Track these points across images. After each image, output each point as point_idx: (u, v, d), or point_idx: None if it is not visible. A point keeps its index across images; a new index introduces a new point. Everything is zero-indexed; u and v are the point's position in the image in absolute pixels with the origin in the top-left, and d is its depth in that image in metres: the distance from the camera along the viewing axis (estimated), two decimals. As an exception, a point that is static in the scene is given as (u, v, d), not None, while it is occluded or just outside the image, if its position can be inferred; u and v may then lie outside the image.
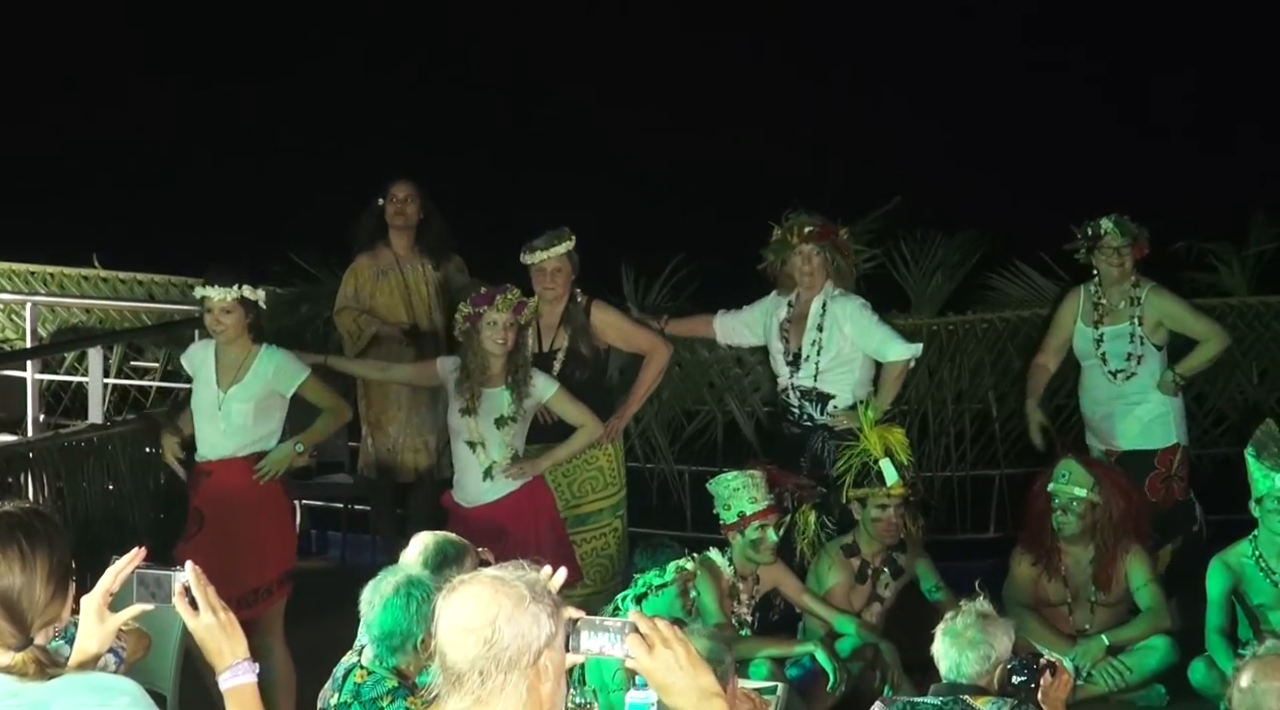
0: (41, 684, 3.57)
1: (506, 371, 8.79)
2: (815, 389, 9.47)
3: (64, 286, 13.05)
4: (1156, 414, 9.72)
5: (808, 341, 9.46)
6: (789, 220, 9.49)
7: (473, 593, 3.61)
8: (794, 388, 9.50)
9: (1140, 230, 9.72)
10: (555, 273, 9.29)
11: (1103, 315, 9.76)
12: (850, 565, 9.11)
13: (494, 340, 8.76)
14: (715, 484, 8.89)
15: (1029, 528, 9.35)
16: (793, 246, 9.45)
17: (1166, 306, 9.71)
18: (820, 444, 9.50)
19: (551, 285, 9.30)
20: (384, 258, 10.21)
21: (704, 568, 8.46)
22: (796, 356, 9.47)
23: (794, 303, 9.55)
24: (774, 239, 9.54)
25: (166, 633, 7.03)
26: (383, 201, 10.20)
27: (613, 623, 3.69)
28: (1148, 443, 9.75)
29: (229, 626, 3.94)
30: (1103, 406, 9.80)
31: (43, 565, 3.76)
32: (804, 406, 9.50)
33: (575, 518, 9.36)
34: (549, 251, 9.27)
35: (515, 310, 8.82)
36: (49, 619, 3.77)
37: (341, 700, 5.95)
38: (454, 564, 6.35)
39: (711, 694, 3.69)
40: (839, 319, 9.42)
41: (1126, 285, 9.74)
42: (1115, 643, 9.15)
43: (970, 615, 6.34)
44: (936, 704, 6.29)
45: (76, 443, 9.84)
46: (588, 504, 9.44)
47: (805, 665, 8.61)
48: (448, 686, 3.62)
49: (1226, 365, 10.82)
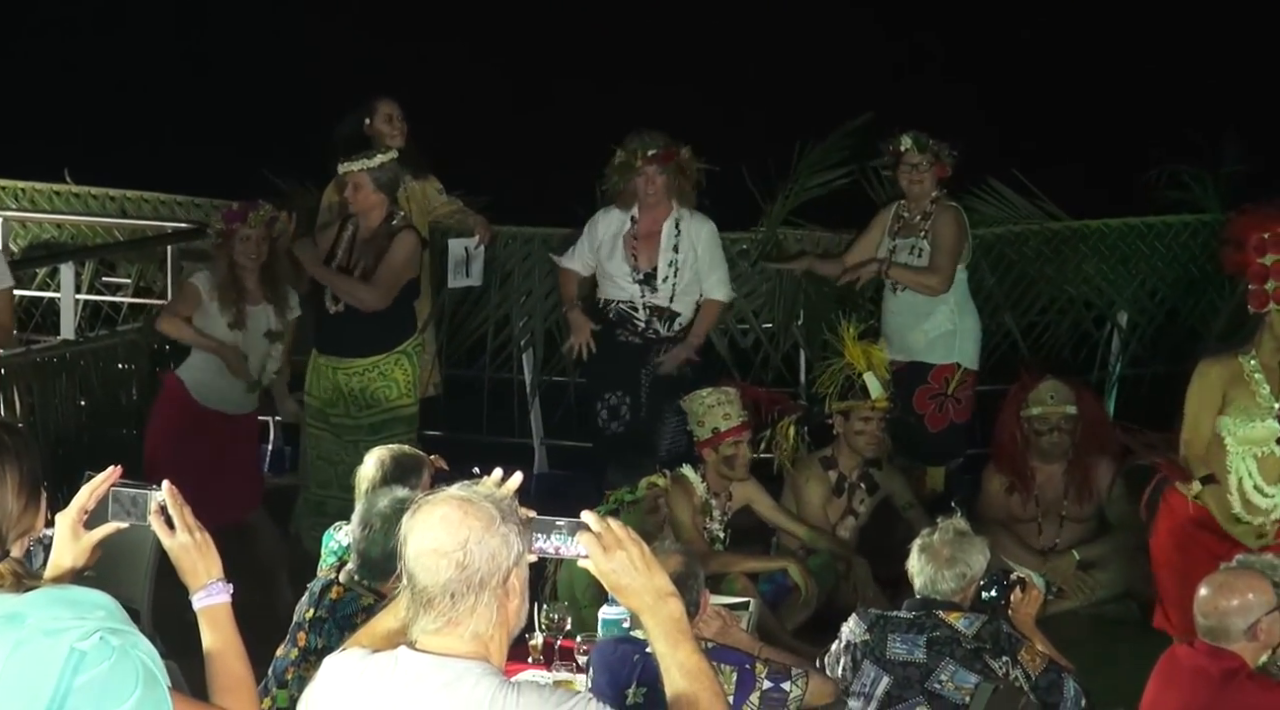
0: (17, 596, 3.57)
1: (260, 286, 9.00)
2: (668, 308, 9.52)
3: (35, 202, 12.98)
4: (941, 331, 9.67)
5: (664, 262, 9.48)
6: (631, 143, 9.49)
7: (441, 514, 3.61)
8: (645, 305, 9.52)
9: (942, 149, 9.67)
10: (355, 188, 9.24)
11: (899, 228, 9.75)
12: (828, 478, 9.16)
13: (246, 255, 8.94)
14: (689, 401, 8.90)
15: (1002, 450, 9.37)
16: (636, 168, 9.44)
17: (940, 228, 9.65)
18: (661, 355, 9.56)
19: (351, 197, 9.26)
20: None
21: (676, 484, 8.49)
22: (649, 276, 9.49)
23: (636, 219, 9.55)
24: (617, 161, 9.52)
25: (140, 548, 7.03)
26: (369, 120, 10.07)
27: (564, 522, 3.70)
28: (928, 356, 9.71)
29: (204, 546, 3.93)
30: (894, 316, 9.77)
31: (12, 477, 3.75)
32: (651, 321, 9.54)
33: (370, 427, 9.35)
34: (352, 165, 9.24)
35: (268, 225, 9.01)
36: (23, 529, 3.76)
37: (317, 615, 5.96)
38: (413, 474, 6.36)
39: (667, 594, 3.70)
40: (693, 240, 9.48)
41: (925, 202, 9.71)
42: (1085, 558, 9.20)
43: (947, 533, 6.37)
44: (909, 618, 6.32)
45: (48, 359, 9.82)
46: (381, 412, 9.41)
47: (778, 581, 8.65)
48: (417, 607, 3.62)
49: (1199, 282, 10.84)
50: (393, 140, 9.96)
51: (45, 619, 3.51)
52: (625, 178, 9.51)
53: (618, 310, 9.59)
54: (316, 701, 3.72)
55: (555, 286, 10.45)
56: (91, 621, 3.51)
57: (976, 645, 6.20)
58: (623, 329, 9.59)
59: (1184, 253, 10.87)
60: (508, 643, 3.68)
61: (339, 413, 9.35)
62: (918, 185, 9.66)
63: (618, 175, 9.56)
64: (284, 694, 5.82)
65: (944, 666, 6.21)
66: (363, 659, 3.69)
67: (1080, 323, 10.87)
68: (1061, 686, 6.21)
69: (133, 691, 3.49)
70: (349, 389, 9.33)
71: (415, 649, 3.63)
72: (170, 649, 5.41)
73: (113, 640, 3.50)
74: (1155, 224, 10.91)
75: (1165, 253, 10.88)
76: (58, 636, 3.49)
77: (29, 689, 3.47)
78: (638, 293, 9.53)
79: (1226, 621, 5.76)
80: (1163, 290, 10.87)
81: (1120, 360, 10.91)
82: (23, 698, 3.46)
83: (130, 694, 3.49)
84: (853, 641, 6.36)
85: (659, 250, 9.48)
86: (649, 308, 9.54)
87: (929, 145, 9.61)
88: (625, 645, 5.85)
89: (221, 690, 3.87)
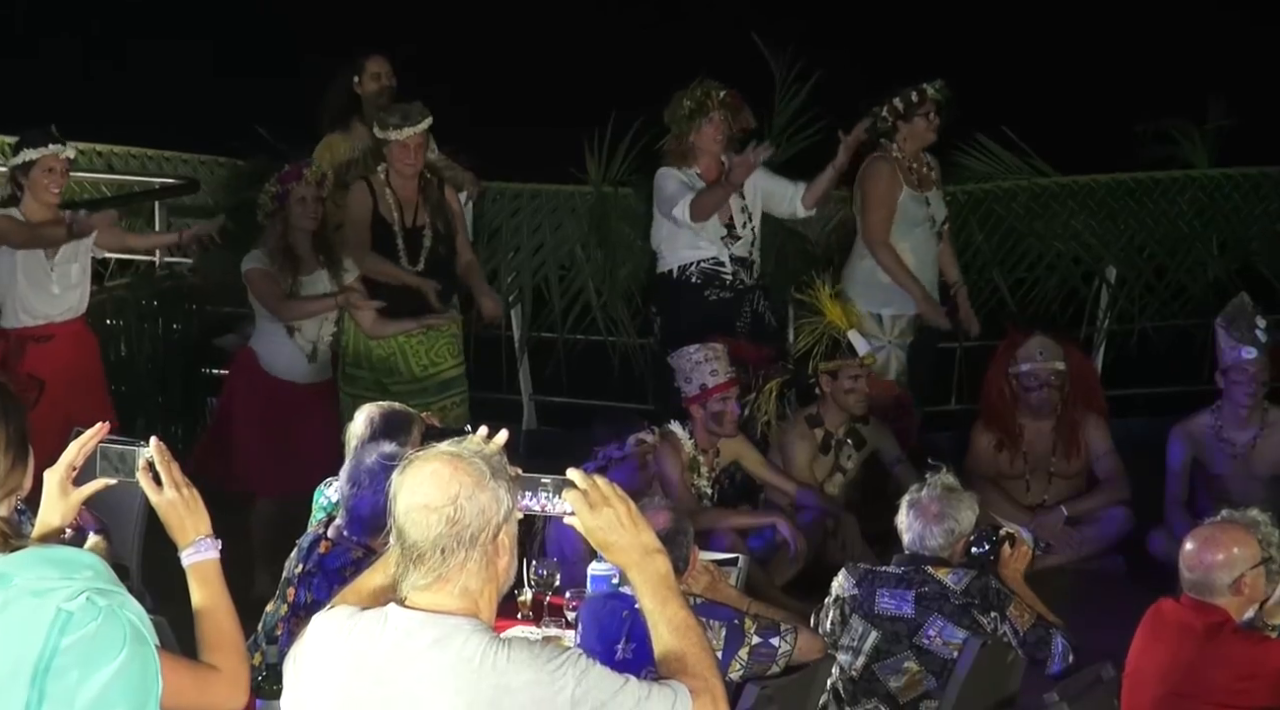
0: (4, 556, 3.57)
1: (317, 249, 8.81)
2: (748, 257, 9.50)
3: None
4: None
5: (736, 209, 9.46)
6: (699, 88, 9.43)
7: (431, 470, 3.61)
8: (732, 257, 9.50)
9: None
10: (419, 148, 9.18)
11: (920, 181, 9.71)
12: (814, 436, 9.16)
13: (304, 216, 8.78)
14: (677, 357, 8.90)
15: (991, 407, 9.37)
16: (707, 115, 9.39)
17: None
18: (757, 302, 9.58)
19: (414, 161, 9.18)
20: (359, 135, 10.05)
21: (664, 440, 8.49)
22: (730, 227, 9.46)
23: (701, 175, 9.51)
24: (687, 108, 9.44)
25: (129, 505, 7.04)
26: (357, 78, 10.03)
27: (550, 480, 3.70)
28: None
29: (192, 502, 3.93)
30: (933, 268, 9.76)
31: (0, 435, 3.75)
32: (738, 273, 9.52)
33: (438, 384, 9.31)
34: (416, 127, 9.17)
35: (319, 185, 8.85)
36: (10, 488, 3.75)
37: (306, 570, 5.96)
38: (403, 432, 6.35)
39: (653, 551, 3.70)
40: (753, 181, 9.46)
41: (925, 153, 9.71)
42: (1074, 513, 9.23)
43: (936, 488, 6.38)
44: (898, 573, 6.34)
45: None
46: (447, 370, 9.39)
47: (766, 537, 8.66)
48: (406, 563, 3.62)
49: (1187, 238, 10.85)
50: (380, 98, 9.93)
51: (32, 579, 3.51)
52: (693, 126, 9.44)
53: (700, 270, 9.53)
54: (305, 659, 3.72)
55: (543, 242, 10.46)
56: (78, 581, 3.50)
57: (965, 601, 6.22)
58: (710, 287, 9.52)
59: (1172, 208, 10.87)
60: (497, 599, 3.68)
61: (399, 380, 9.13)
62: (933, 134, 9.64)
63: (686, 124, 9.48)
64: (274, 649, 5.83)
65: (932, 622, 6.24)
66: (351, 616, 3.69)
67: (1068, 279, 10.88)
68: (1049, 642, 6.23)
69: (120, 651, 3.49)
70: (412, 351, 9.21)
71: (404, 606, 3.63)
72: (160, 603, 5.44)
73: (100, 600, 3.50)
74: (1144, 180, 10.92)
75: (1153, 209, 10.88)
76: (44, 597, 3.49)
77: (16, 649, 3.47)
78: (721, 247, 9.50)
79: (1211, 576, 5.78)
80: (1150, 246, 10.89)
81: (1108, 316, 10.92)
82: (10, 658, 3.46)
83: (118, 653, 3.49)
84: (841, 596, 6.38)
85: (730, 199, 9.46)
86: (735, 259, 9.50)
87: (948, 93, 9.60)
88: (614, 601, 5.86)
89: (210, 646, 3.88)
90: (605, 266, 10.72)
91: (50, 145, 8.55)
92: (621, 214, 10.66)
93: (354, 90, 10.02)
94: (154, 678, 3.55)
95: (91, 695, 3.47)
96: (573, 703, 3.51)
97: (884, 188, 9.51)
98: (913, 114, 9.52)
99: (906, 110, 9.52)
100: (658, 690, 3.59)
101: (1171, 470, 9.02)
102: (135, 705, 3.52)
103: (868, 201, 9.53)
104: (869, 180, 9.55)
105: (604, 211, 10.68)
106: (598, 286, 10.58)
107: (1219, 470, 8.96)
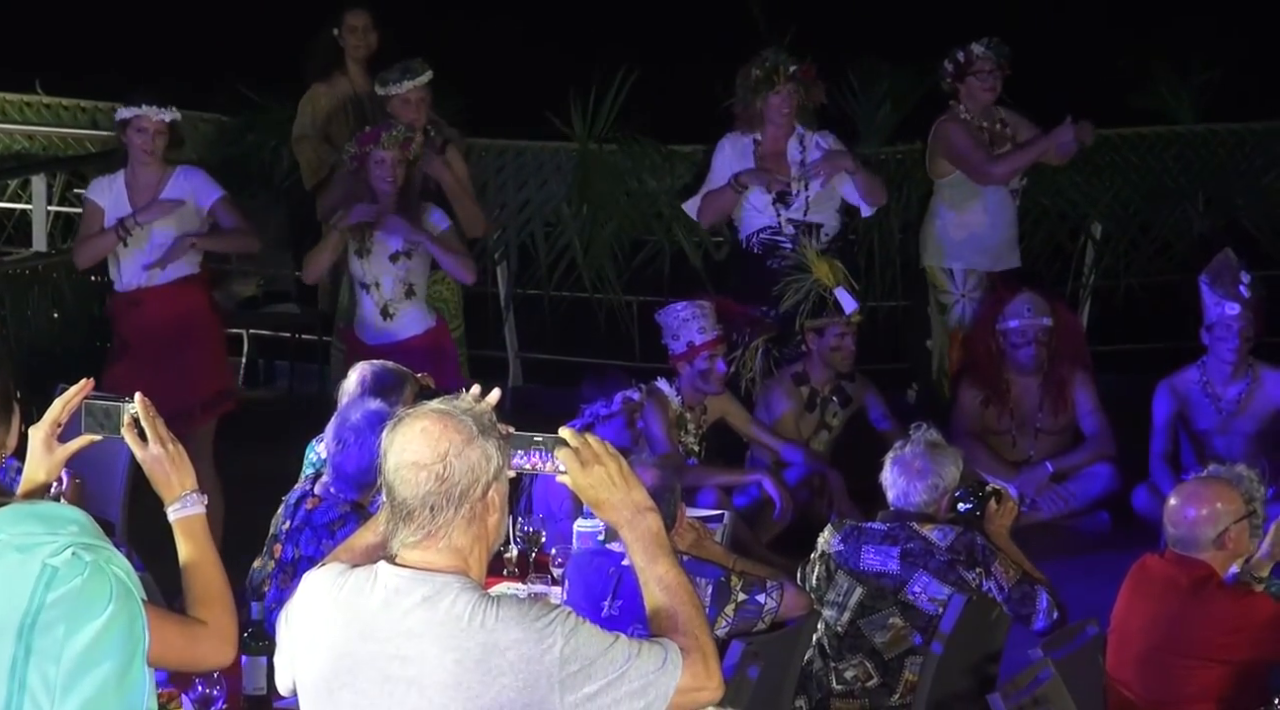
0: (-12, 512, 3.56)
1: (397, 210, 8.65)
2: (804, 221, 9.46)
3: (6, 113, 12.89)
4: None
5: (793, 175, 9.44)
6: (769, 59, 9.41)
7: (421, 428, 3.60)
8: (787, 221, 9.45)
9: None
10: (420, 103, 9.16)
11: (992, 138, 9.69)
12: (800, 394, 9.16)
13: (383, 179, 8.68)
14: (664, 314, 8.89)
15: (977, 365, 9.37)
16: (775, 86, 9.37)
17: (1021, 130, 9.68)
18: None
19: (416, 116, 9.13)
20: (340, 87, 10.03)
21: (651, 398, 8.49)
22: (783, 193, 9.42)
23: (760, 141, 9.48)
24: (755, 78, 9.42)
25: (114, 462, 7.03)
26: (337, 30, 9.99)
27: (542, 437, 3.70)
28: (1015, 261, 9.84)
29: (177, 458, 3.92)
30: (1009, 228, 9.78)
31: (-16, 391, 3.74)
32: (799, 239, 9.47)
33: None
34: (415, 81, 9.13)
35: (403, 147, 8.73)
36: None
37: (294, 526, 5.97)
38: (395, 391, 6.34)
39: (646, 508, 3.71)
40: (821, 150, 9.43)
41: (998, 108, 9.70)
42: (1059, 470, 9.24)
43: (919, 444, 6.39)
44: (883, 530, 6.35)
45: (20, 271, 9.78)
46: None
47: (752, 494, 8.67)
48: (396, 520, 3.62)
49: (1172, 193, 10.85)
50: (357, 51, 9.92)
51: (17, 535, 3.50)
52: (760, 95, 9.41)
53: (760, 241, 9.48)
54: (297, 616, 3.72)
55: (529, 199, 10.43)
56: (64, 537, 3.50)
57: (950, 557, 6.22)
58: (772, 257, 9.47)
59: (1157, 164, 10.86)
60: (487, 557, 3.68)
61: None
62: (992, 92, 9.61)
63: (754, 93, 9.45)
64: (260, 606, 5.83)
65: (917, 578, 6.24)
66: (342, 573, 3.69)
67: (1054, 235, 10.88)
68: (1034, 598, 6.24)
69: (106, 606, 3.49)
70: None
71: (394, 563, 3.63)
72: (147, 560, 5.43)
73: (85, 556, 3.50)
74: (1129, 136, 10.90)
75: (1139, 164, 10.87)
76: (30, 552, 3.49)
77: (2, 605, 3.47)
78: (774, 213, 9.46)
79: (1195, 531, 5.80)
80: (1136, 202, 10.87)
81: (1094, 272, 10.93)
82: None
83: (104, 609, 3.49)
84: (826, 552, 6.40)
85: (788, 166, 9.43)
86: (793, 224, 9.48)
87: (1004, 50, 9.57)
88: (600, 557, 5.86)
89: (198, 601, 3.87)
90: (591, 224, 10.70)
91: (144, 106, 8.45)
92: (606, 171, 10.63)
93: (336, 43, 9.99)
94: (141, 632, 3.55)
95: (78, 650, 3.48)
96: (561, 661, 3.52)
97: (960, 141, 9.54)
98: (965, 74, 9.55)
99: (957, 71, 9.57)
100: (648, 648, 3.59)
101: (1157, 426, 9.02)
102: (123, 659, 3.52)
103: (951, 159, 9.57)
104: (941, 142, 9.60)
105: (588, 169, 10.66)
106: (583, 243, 10.55)
107: (1204, 425, 8.97)
